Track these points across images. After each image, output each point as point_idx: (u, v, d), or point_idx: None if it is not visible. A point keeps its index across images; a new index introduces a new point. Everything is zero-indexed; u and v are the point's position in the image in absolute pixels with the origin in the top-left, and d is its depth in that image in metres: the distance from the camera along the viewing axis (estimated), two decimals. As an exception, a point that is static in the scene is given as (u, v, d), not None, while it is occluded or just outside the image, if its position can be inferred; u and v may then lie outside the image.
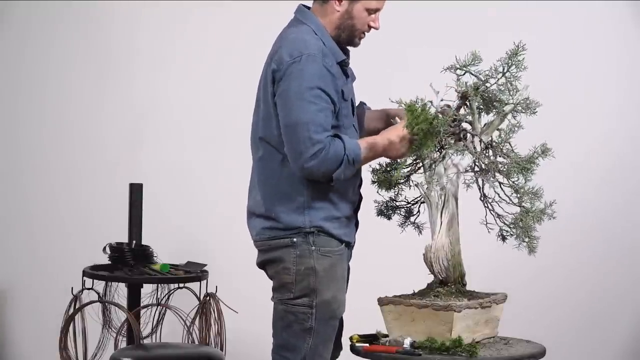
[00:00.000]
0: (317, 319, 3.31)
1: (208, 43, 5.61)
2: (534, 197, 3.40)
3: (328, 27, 3.37)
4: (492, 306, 3.42)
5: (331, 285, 3.34)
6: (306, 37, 3.31)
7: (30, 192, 5.73)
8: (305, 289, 3.30)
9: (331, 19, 3.36)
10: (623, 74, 5.25)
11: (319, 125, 3.21)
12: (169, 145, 5.64)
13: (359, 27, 3.36)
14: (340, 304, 3.38)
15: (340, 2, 3.34)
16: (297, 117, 3.21)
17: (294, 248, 3.32)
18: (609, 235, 5.19)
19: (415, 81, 3.60)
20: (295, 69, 3.24)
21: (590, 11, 5.23)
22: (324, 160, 3.20)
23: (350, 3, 3.34)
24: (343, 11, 3.35)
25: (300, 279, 3.30)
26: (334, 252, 3.35)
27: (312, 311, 3.30)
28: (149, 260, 4.77)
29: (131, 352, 4.19)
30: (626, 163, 5.20)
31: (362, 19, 3.35)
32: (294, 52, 3.27)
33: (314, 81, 3.23)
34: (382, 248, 5.10)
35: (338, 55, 3.35)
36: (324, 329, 3.33)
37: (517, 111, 3.44)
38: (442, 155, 3.42)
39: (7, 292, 5.72)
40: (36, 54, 5.75)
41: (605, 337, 5.19)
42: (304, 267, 3.30)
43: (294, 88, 3.23)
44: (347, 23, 3.36)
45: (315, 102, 3.22)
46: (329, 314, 3.33)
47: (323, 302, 3.31)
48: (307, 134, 3.20)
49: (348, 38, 3.39)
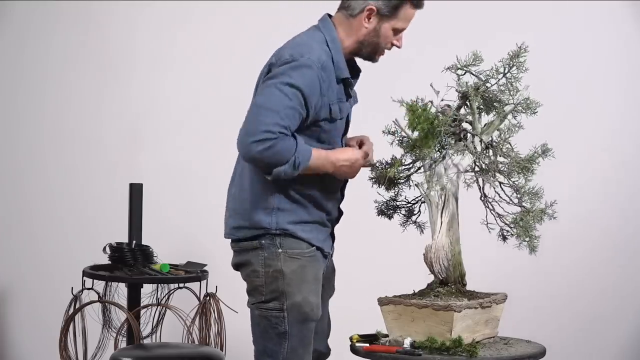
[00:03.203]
0: (289, 323, 3.28)
1: (207, 43, 5.61)
2: (534, 197, 3.40)
3: (348, 39, 3.35)
4: (492, 306, 3.42)
5: (302, 288, 3.30)
6: (313, 44, 3.29)
7: (30, 192, 5.73)
8: (274, 291, 3.28)
9: (356, 33, 3.34)
10: (623, 74, 5.25)
11: (282, 119, 3.15)
12: (169, 145, 5.64)
13: (382, 45, 3.36)
14: (314, 307, 3.32)
15: (369, 20, 3.31)
16: (264, 101, 3.17)
17: (262, 250, 3.30)
18: (609, 235, 5.19)
19: (416, 81, 3.60)
20: (288, 67, 3.22)
21: (591, 11, 5.23)
22: (270, 150, 3.13)
23: (379, 21, 3.32)
24: (371, 28, 3.33)
25: (269, 281, 3.28)
26: (303, 254, 3.31)
27: (283, 315, 3.28)
28: (149, 260, 4.77)
29: (131, 352, 4.19)
30: (626, 162, 5.21)
31: (387, 38, 3.35)
32: (295, 53, 3.25)
33: (299, 83, 3.20)
34: (382, 248, 5.10)
35: (342, 72, 3.32)
36: (299, 332, 3.30)
37: (517, 111, 3.44)
38: (443, 155, 3.42)
39: (7, 292, 5.72)
40: (36, 54, 5.75)
41: (605, 337, 5.19)
42: (271, 269, 3.28)
43: (277, 79, 3.20)
44: (372, 40, 3.34)
45: (290, 99, 3.17)
46: (302, 317, 3.30)
47: (293, 304, 3.28)
48: (265, 119, 3.13)
49: (369, 54, 3.39)
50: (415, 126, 3.35)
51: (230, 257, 3.45)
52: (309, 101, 3.21)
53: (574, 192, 5.11)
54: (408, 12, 3.35)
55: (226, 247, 3.51)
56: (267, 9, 5.45)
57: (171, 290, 4.79)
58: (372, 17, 3.31)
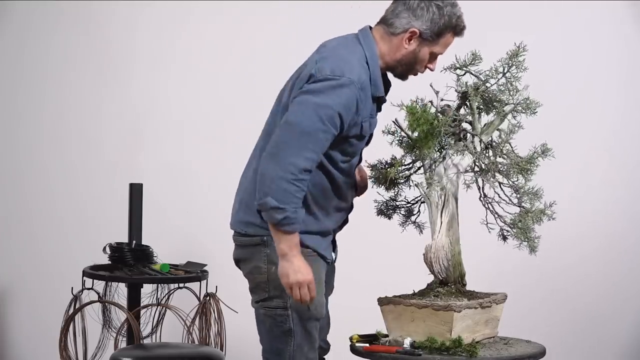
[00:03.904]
0: (294, 320, 3.28)
1: (208, 43, 5.61)
2: (534, 197, 3.40)
3: (386, 56, 3.31)
4: (492, 306, 3.42)
5: None
6: (354, 62, 3.24)
7: (30, 192, 5.73)
8: (278, 288, 3.25)
9: (395, 52, 3.30)
10: (623, 74, 5.25)
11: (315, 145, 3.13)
12: (169, 145, 5.64)
13: (417, 66, 3.33)
14: (317, 305, 3.30)
15: (410, 41, 3.29)
16: (303, 123, 3.13)
17: (265, 246, 3.28)
18: (609, 235, 5.19)
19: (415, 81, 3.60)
20: (329, 85, 3.17)
21: (591, 11, 5.23)
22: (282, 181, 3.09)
23: (419, 45, 3.29)
24: (410, 50, 3.30)
25: (273, 277, 3.26)
26: (305, 253, 3.26)
27: (288, 312, 3.27)
28: (149, 260, 4.77)
29: (131, 352, 4.19)
30: (626, 163, 5.21)
31: (424, 61, 3.33)
32: (336, 70, 3.19)
33: (338, 106, 3.16)
34: (382, 248, 5.10)
35: (379, 89, 3.28)
36: (304, 329, 3.30)
37: (517, 111, 3.44)
38: (442, 155, 3.42)
39: (7, 292, 5.72)
40: (36, 54, 5.75)
41: (605, 337, 5.19)
42: (274, 266, 3.26)
43: (318, 100, 3.15)
44: (409, 61, 3.31)
45: (325, 124, 3.14)
46: (306, 315, 3.29)
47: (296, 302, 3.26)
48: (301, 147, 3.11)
49: (402, 73, 3.35)
50: (415, 128, 3.35)
51: (230, 258, 3.43)
52: (343, 120, 3.18)
53: (574, 192, 5.11)
54: (449, 39, 3.32)
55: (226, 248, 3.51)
56: (267, 9, 5.45)
57: (171, 290, 4.79)
58: (414, 39, 3.28)
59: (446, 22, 3.27)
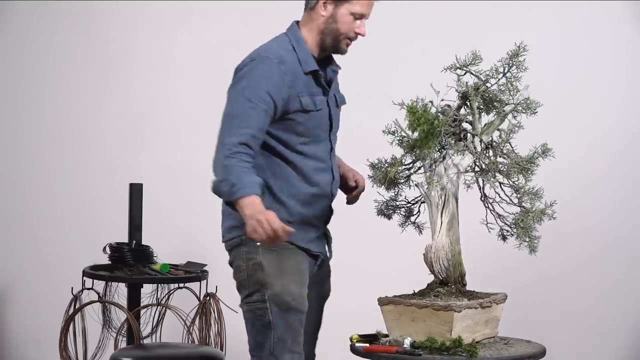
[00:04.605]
0: (273, 313, 3.31)
1: (208, 43, 5.61)
2: (534, 197, 3.40)
3: (312, 34, 3.40)
4: (492, 306, 3.42)
5: (281, 278, 3.32)
6: (273, 44, 3.40)
7: (30, 192, 5.73)
8: (256, 283, 3.32)
9: (317, 24, 3.39)
10: (623, 74, 5.24)
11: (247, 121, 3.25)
12: (169, 145, 5.64)
13: (343, 31, 3.38)
14: (296, 297, 3.33)
15: (325, 7, 3.37)
16: (231, 109, 3.30)
17: (244, 245, 3.35)
18: (609, 235, 5.19)
19: (415, 81, 3.60)
20: (247, 69, 3.34)
21: (590, 11, 5.23)
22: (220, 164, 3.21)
23: (335, 7, 3.36)
24: (328, 15, 3.37)
25: (251, 274, 3.33)
26: (281, 247, 3.31)
27: (266, 305, 3.31)
28: (149, 260, 4.77)
29: (131, 352, 4.19)
30: (626, 163, 5.20)
31: (346, 24, 3.37)
32: (252, 55, 3.37)
33: (259, 81, 3.29)
34: (382, 248, 5.10)
35: (308, 65, 3.37)
36: (283, 321, 3.31)
37: (517, 111, 3.44)
38: (443, 155, 3.42)
39: (7, 292, 5.72)
40: (36, 54, 5.75)
41: (605, 337, 5.18)
42: (252, 262, 3.33)
43: (239, 86, 3.32)
44: (331, 27, 3.38)
45: (251, 101, 3.27)
46: (284, 306, 3.31)
47: (274, 294, 3.30)
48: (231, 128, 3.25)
49: (333, 43, 3.40)
50: (415, 127, 3.36)
51: (228, 257, 3.46)
52: (270, 92, 3.28)
53: (574, 192, 5.10)
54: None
55: (226, 247, 3.52)
56: (268, 9, 5.45)
57: (171, 290, 4.79)
58: (327, 4, 3.37)
59: None
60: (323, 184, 3.41)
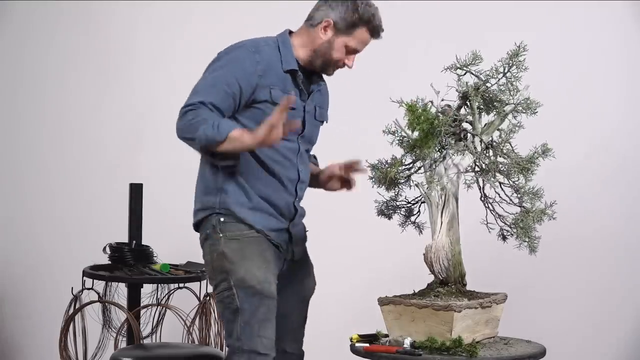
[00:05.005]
0: (240, 298, 3.34)
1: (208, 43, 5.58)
2: (534, 197, 3.40)
3: (305, 48, 3.48)
4: (492, 306, 3.42)
5: (244, 263, 3.36)
6: (256, 38, 3.49)
7: (30, 192, 5.73)
8: (222, 272, 3.38)
9: (313, 42, 3.47)
10: (623, 74, 5.25)
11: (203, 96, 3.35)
12: (169, 145, 5.60)
13: (335, 58, 3.47)
14: (261, 280, 3.35)
15: (326, 31, 3.45)
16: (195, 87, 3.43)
17: (208, 239, 3.43)
18: (609, 235, 5.19)
19: (415, 81, 3.60)
20: (222, 53, 3.48)
21: (590, 11, 5.23)
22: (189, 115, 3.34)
23: (334, 35, 3.45)
24: (326, 39, 3.46)
25: (216, 265, 3.39)
26: (243, 235, 3.39)
27: (233, 292, 3.35)
28: (149, 260, 4.77)
29: (131, 352, 4.19)
30: (627, 163, 5.20)
31: (340, 53, 3.47)
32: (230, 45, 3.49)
33: (229, 66, 3.39)
34: (383, 248, 5.10)
35: (288, 63, 3.44)
36: (251, 307, 3.34)
37: (517, 111, 3.44)
38: (443, 155, 3.42)
39: (7, 292, 5.72)
40: (36, 54, 5.75)
41: (605, 337, 5.18)
42: (216, 253, 3.40)
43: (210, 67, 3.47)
44: (325, 51, 3.46)
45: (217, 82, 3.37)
46: (251, 291, 3.34)
47: (238, 279, 3.34)
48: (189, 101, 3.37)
49: (322, 65, 3.49)
50: (415, 126, 3.36)
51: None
52: (239, 80, 3.36)
53: (574, 192, 5.10)
54: (363, 34, 3.47)
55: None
56: (268, 9, 5.45)
57: (171, 290, 4.79)
58: (329, 29, 3.45)
59: (359, 16, 3.43)
60: (283, 177, 3.45)
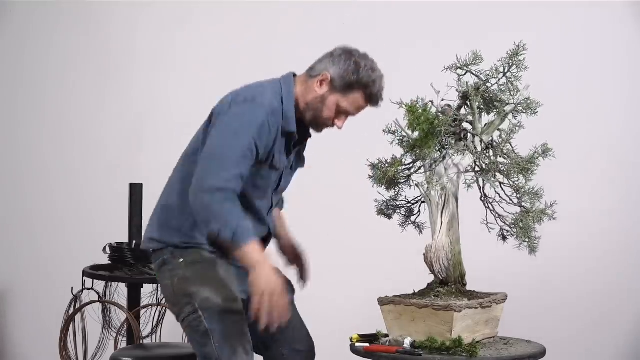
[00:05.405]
0: (207, 319, 3.27)
1: (208, 43, 5.61)
2: (535, 197, 3.40)
3: (300, 97, 3.38)
4: (492, 306, 3.42)
5: (207, 283, 3.29)
6: (268, 91, 3.33)
7: (30, 192, 5.73)
8: (185, 296, 3.30)
9: (307, 94, 3.36)
10: (623, 74, 5.25)
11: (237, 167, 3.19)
12: (169, 146, 5.61)
13: (325, 115, 3.36)
14: (226, 298, 3.28)
15: (321, 85, 3.35)
16: (222, 150, 3.22)
17: (166, 265, 3.36)
18: (609, 235, 5.18)
19: (415, 81, 3.60)
20: (243, 108, 3.27)
21: (591, 11, 5.23)
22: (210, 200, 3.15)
23: (328, 91, 3.34)
24: (320, 94, 3.34)
25: (178, 288, 3.32)
26: (203, 258, 3.33)
27: (199, 314, 3.28)
28: (149, 260, 4.77)
29: (131, 352, 4.18)
30: (627, 163, 5.20)
31: (331, 111, 3.36)
32: (247, 95, 3.29)
33: (252, 130, 3.23)
34: (382, 248, 5.10)
35: (289, 125, 3.34)
36: (220, 324, 3.27)
37: (517, 111, 3.44)
38: (443, 155, 3.42)
39: (7, 292, 5.72)
40: (36, 54, 5.75)
41: (605, 337, 5.18)
42: (177, 278, 3.33)
43: (234, 124, 3.25)
44: (317, 106, 3.35)
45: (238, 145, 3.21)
46: (217, 309, 3.28)
47: (203, 300, 3.28)
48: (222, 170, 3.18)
49: (312, 119, 3.38)
50: (415, 127, 3.36)
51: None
52: (259, 147, 3.25)
53: (574, 192, 5.10)
54: (358, 98, 3.35)
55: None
56: (268, 9, 5.45)
57: (171, 290, 4.79)
58: (325, 84, 3.34)
59: (358, 78, 3.32)
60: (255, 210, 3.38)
